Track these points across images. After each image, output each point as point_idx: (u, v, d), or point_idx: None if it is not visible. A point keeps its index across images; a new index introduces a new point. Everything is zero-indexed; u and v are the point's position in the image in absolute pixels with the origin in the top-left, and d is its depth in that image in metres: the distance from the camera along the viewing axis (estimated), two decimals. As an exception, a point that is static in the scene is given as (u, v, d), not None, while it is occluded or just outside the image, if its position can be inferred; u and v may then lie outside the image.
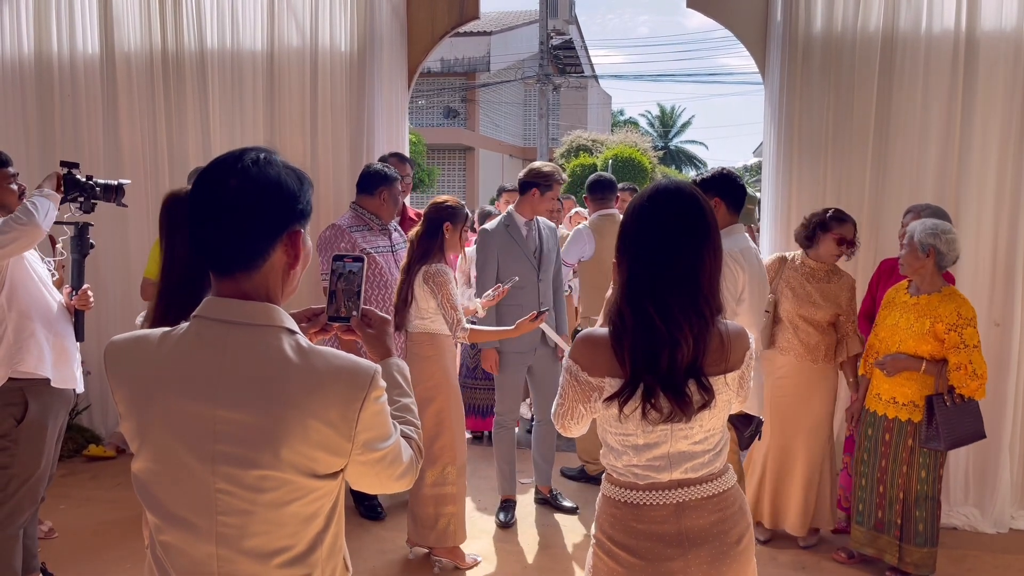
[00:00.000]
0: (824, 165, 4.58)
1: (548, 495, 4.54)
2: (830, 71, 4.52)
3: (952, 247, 3.55)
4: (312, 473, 1.30)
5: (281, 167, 1.34)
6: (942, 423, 3.48)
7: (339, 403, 1.29)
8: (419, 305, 3.60)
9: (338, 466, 1.34)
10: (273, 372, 1.28)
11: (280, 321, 1.33)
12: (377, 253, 4.21)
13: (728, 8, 4.91)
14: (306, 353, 1.31)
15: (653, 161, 21.78)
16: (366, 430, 1.34)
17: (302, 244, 1.36)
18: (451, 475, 3.72)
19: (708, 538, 1.86)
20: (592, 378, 1.82)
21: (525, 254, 4.24)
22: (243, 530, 1.29)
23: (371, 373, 1.33)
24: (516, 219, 4.27)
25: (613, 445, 1.89)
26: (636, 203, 1.85)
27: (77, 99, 5.25)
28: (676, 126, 40.64)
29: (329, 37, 5.06)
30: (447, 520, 3.73)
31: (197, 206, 1.31)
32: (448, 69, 23.08)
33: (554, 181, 4.19)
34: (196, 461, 1.28)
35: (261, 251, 1.31)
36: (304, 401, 1.27)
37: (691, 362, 1.76)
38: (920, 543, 3.62)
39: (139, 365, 1.33)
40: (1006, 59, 4.36)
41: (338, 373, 1.31)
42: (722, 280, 3.05)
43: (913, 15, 4.45)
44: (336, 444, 1.31)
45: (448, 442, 3.70)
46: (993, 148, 4.38)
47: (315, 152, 5.06)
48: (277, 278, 1.35)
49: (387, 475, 1.42)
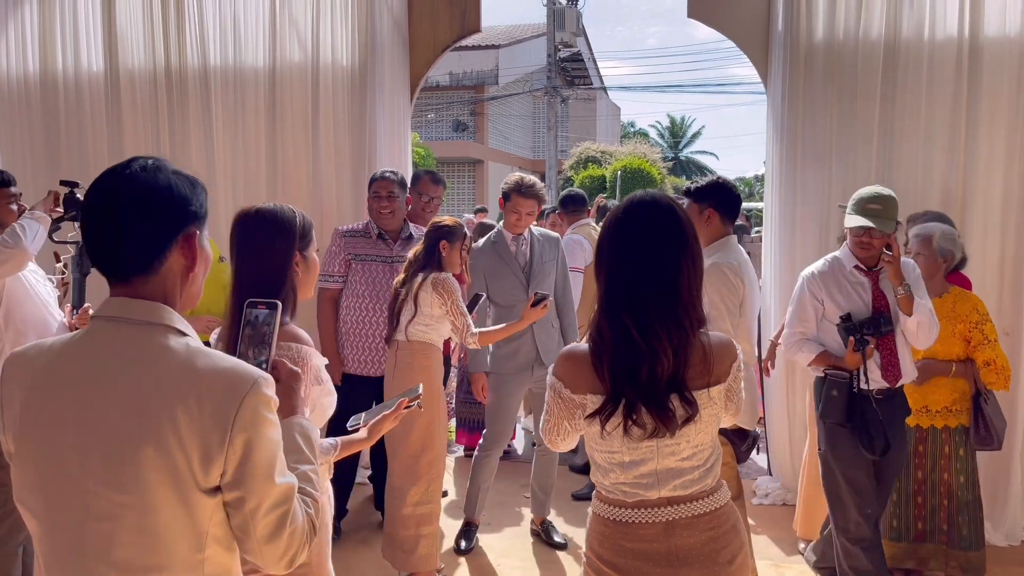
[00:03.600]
0: (828, 173, 4.53)
1: (540, 526, 4.31)
2: (833, 79, 4.48)
3: (959, 253, 3.68)
4: (183, 478, 1.25)
5: (170, 172, 1.37)
6: (992, 421, 3.54)
7: (216, 397, 1.27)
8: (422, 311, 3.52)
9: (214, 475, 1.27)
10: (152, 367, 1.27)
11: (170, 321, 1.33)
12: (362, 261, 4.19)
13: (729, 17, 4.88)
14: (192, 352, 1.30)
15: (663, 172, 21.77)
16: (244, 430, 1.27)
17: (199, 246, 1.37)
18: (434, 492, 3.61)
19: (699, 557, 1.83)
20: (575, 395, 1.80)
21: (512, 270, 4.06)
22: (111, 538, 1.26)
23: (256, 376, 1.31)
24: (504, 234, 4.10)
25: (600, 463, 1.86)
26: (613, 215, 1.83)
27: (82, 117, 5.28)
28: (686, 136, 40.63)
29: (331, 51, 5.08)
30: (428, 542, 3.61)
31: (90, 216, 1.33)
32: (457, 82, 23.18)
33: (511, 191, 3.98)
34: (68, 457, 1.26)
35: (156, 254, 1.32)
36: (178, 394, 1.25)
37: (672, 376, 1.73)
38: (966, 547, 3.59)
39: (29, 370, 1.33)
40: (1011, 64, 4.31)
41: (220, 371, 1.29)
42: (718, 292, 3.05)
43: (915, 22, 4.41)
44: (209, 441, 1.25)
45: (433, 458, 3.58)
46: (999, 155, 4.33)
47: (317, 166, 5.06)
48: (175, 282, 1.36)
49: (269, 529, 1.31)
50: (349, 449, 2.07)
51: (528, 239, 4.13)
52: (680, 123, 40.72)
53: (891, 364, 3.26)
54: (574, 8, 22.72)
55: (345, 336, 4.24)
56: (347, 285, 4.24)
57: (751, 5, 4.80)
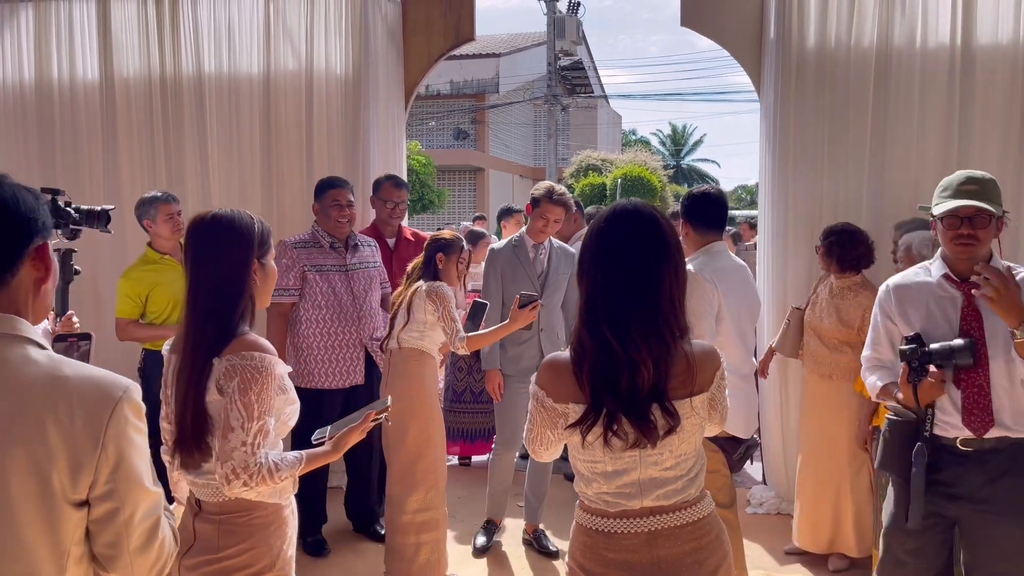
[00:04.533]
0: (820, 180, 4.53)
1: (531, 535, 4.27)
2: (824, 87, 4.49)
3: None
4: (50, 489, 1.24)
5: (13, 186, 1.37)
6: None
7: (88, 405, 1.27)
8: (415, 318, 3.53)
9: (83, 485, 1.27)
10: (14, 377, 1.27)
11: (25, 332, 1.32)
12: (319, 272, 4.12)
13: (722, 26, 4.89)
14: (56, 362, 1.31)
15: (663, 180, 21.77)
16: (117, 437, 1.28)
17: (50, 258, 1.39)
18: (434, 499, 3.59)
19: (682, 568, 1.81)
20: (557, 404, 1.79)
21: (529, 276, 4.11)
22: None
23: (127, 384, 1.32)
24: (525, 240, 4.15)
25: (583, 472, 1.85)
26: (595, 225, 1.82)
27: (77, 125, 5.30)
28: (688, 144, 40.68)
29: (325, 60, 5.09)
30: (430, 549, 3.58)
31: None
32: (457, 91, 23.21)
33: (542, 198, 4.04)
34: None
35: (8, 267, 1.33)
36: (47, 403, 1.25)
37: (653, 386, 1.72)
38: None
39: None
40: (1003, 72, 4.31)
41: (91, 379, 1.30)
42: (693, 300, 3.01)
43: (907, 30, 4.41)
44: (80, 449, 1.25)
45: (431, 463, 3.57)
46: (992, 163, 4.31)
47: (311, 174, 5.05)
48: (28, 293, 1.37)
49: (143, 539, 1.32)
50: (314, 463, 2.03)
51: (548, 249, 4.19)
52: (682, 131, 40.77)
53: (977, 406, 2.43)
54: (574, 17, 22.77)
55: (309, 350, 4.12)
56: (305, 298, 4.12)
57: (744, 13, 4.81)
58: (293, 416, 2.04)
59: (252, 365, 1.86)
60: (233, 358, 1.87)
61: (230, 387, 1.85)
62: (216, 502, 1.95)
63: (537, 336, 4.10)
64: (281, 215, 5.13)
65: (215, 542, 1.93)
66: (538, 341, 4.11)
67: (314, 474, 4.21)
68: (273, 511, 1.99)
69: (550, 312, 4.16)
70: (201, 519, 1.97)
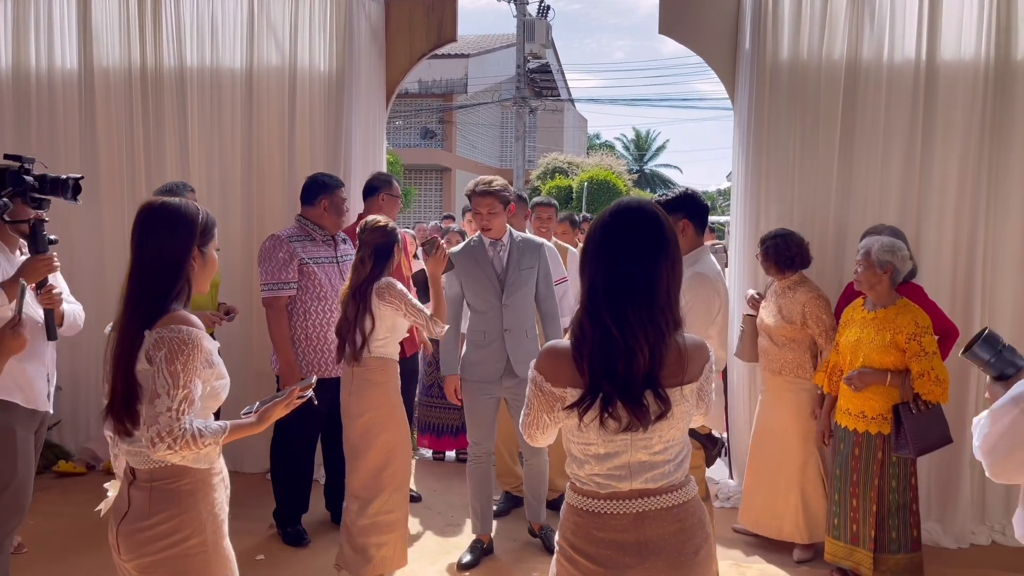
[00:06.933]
0: (791, 188, 4.69)
1: (538, 532, 4.28)
2: (797, 97, 4.65)
3: (905, 263, 3.73)
4: None
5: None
6: (910, 431, 3.58)
7: None
8: (381, 323, 3.46)
9: None
10: None
11: None
12: (317, 264, 4.18)
13: (699, 35, 5.04)
14: None
15: (628, 184, 21.99)
16: None
17: None
18: (398, 501, 3.57)
19: (666, 548, 1.91)
20: (555, 388, 1.88)
21: (487, 276, 3.95)
22: None
23: None
24: (483, 239, 4.00)
25: (576, 454, 1.94)
26: (600, 219, 1.92)
27: (55, 114, 5.26)
28: (651, 150, 41.04)
29: (308, 56, 5.13)
30: (390, 548, 3.57)
31: None
32: (426, 90, 23.20)
33: (469, 194, 3.94)
34: None
35: None
36: None
37: (647, 372, 1.82)
38: (895, 550, 3.69)
39: None
40: (965, 87, 4.50)
41: None
42: (694, 303, 3.12)
43: (876, 44, 4.59)
44: None
45: (396, 470, 3.55)
46: (953, 172, 4.51)
47: (293, 170, 5.09)
48: None
49: None
50: (237, 433, 2.12)
51: (507, 245, 4.00)
52: (645, 136, 41.13)
53: None
54: (544, 20, 22.90)
55: (308, 341, 4.17)
56: (307, 290, 4.16)
57: (720, 23, 4.96)
58: (223, 390, 2.15)
59: (179, 337, 1.97)
60: (163, 330, 1.98)
61: (158, 356, 1.96)
62: (147, 469, 2.05)
63: (501, 338, 3.94)
64: (262, 209, 5.16)
65: (146, 508, 2.03)
66: (502, 343, 3.94)
67: (300, 467, 4.28)
68: (201, 477, 2.08)
69: (515, 310, 3.96)
70: (136, 487, 2.07)
